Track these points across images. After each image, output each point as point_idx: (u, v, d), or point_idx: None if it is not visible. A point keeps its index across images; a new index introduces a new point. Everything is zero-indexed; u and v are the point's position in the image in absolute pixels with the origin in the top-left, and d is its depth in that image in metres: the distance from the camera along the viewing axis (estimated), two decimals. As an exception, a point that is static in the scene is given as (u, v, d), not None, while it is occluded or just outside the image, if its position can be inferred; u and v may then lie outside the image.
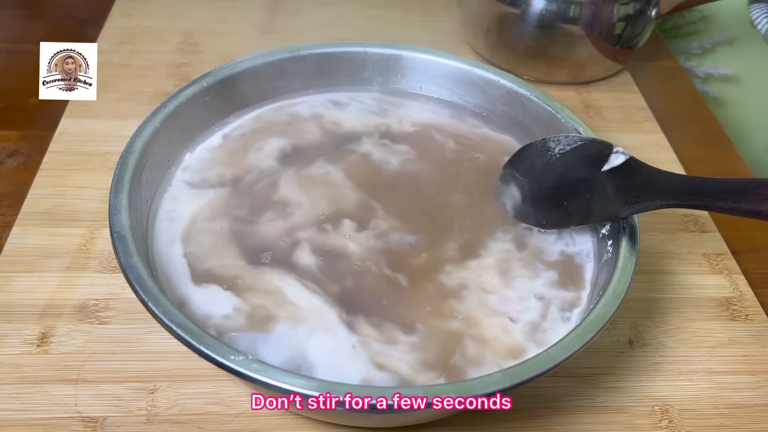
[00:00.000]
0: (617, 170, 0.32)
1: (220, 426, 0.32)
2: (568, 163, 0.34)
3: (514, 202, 0.36)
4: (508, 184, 0.36)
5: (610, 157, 0.32)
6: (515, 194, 0.36)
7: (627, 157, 0.32)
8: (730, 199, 0.29)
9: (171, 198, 0.35)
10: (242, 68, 0.39)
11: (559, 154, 0.34)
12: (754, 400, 0.35)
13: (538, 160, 0.35)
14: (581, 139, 0.34)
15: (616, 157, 0.32)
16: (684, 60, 0.70)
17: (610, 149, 0.32)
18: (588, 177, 0.33)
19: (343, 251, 0.33)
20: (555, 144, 0.34)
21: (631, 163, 0.32)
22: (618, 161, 0.32)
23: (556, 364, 0.26)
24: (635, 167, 0.32)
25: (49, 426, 0.31)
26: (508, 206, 0.36)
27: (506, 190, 0.36)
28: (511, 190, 0.36)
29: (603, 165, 0.32)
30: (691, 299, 0.40)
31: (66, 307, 0.36)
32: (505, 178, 0.37)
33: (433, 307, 0.31)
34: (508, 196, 0.36)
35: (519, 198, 0.36)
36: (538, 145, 0.35)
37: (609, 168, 0.32)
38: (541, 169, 0.35)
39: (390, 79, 0.43)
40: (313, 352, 0.29)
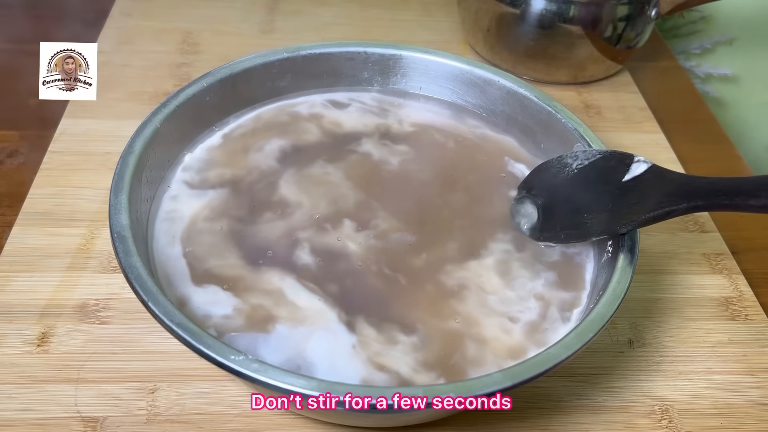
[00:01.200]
0: (639, 179, 0.32)
1: (220, 426, 0.32)
2: (588, 176, 0.34)
3: (530, 221, 0.35)
4: (524, 204, 0.36)
5: (632, 166, 0.32)
6: (531, 213, 0.35)
7: (649, 165, 0.31)
8: (764, 195, 0.28)
9: (171, 198, 0.35)
10: (242, 68, 0.39)
11: (577, 169, 0.34)
12: (753, 399, 0.35)
13: (555, 177, 0.35)
14: (600, 152, 0.33)
15: (637, 167, 0.32)
16: (684, 60, 0.70)
17: (631, 159, 0.32)
18: (609, 188, 0.32)
19: (343, 251, 0.33)
20: (572, 160, 0.34)
21: (654, 170, 0.31)
22: (639, 170, 0.32)
23: (556, 364, 0.26)
24: (658, 174, 0.31)
25: (49, 426, 0.31)
26: (525, 226, 0.35)
27: (522, 210, 0.36)
28: (527, 210, 0.35)
29: (624, 175, 0.32)
30: (691, 299, 0.40)
31: (66, 307, 0.36)
32: (520, 199, 0.36)
33: (433, 307, 0.31)
34: (524, 216, 0.35)
35: (536, 217, 0.35)
36: (554, 163, 0.35)
37: (630, 177, 0.32)
38: (559, 186, 0.34)
39: (390, 79, 0.43)
40: (313, 352, 0.29)
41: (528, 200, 0.36)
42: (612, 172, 0.32)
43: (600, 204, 0.33)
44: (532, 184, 0.36)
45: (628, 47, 0.55)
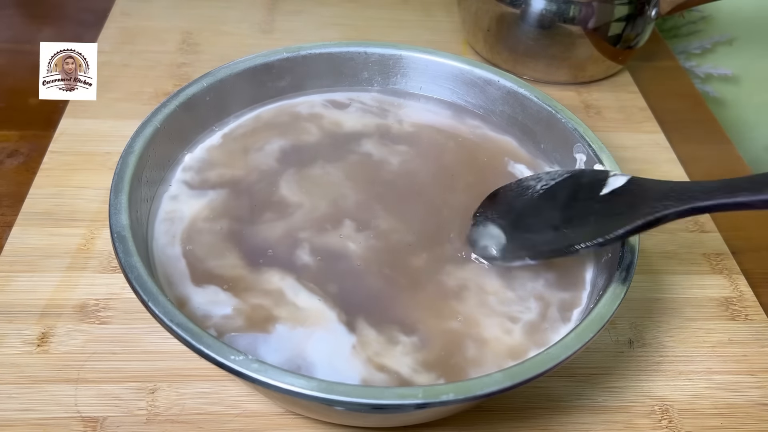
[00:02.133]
0: (622, 191, 0.30)
1: (220, 426, 0.32)
2: (557, 195, 0.32)
3: (498, 242, 0.33)
4: (485, 227, 0.34)
5: (608, 181, 0.30)
6: (497, 234, 0.33)
7: (628, 177, 0.30)
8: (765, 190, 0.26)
9: (171, 198, 0.35)
10: (242, 68, 0.39)
11: (542, 190, 0.32)
12: (753, 399, 0.35)
13: (516, 200, 0.33)
14: (567, 171, 0.32)
15: (615, 180, 0.30)
16: (684, 60, 0.70)
17: (606, 174, 0.30)
18: (586, 203, 0.31)
19: (343, 251, 0.33)
20: (535, 182, 0.33)
21: (636, 181, 0.30)
22: (618, 183, 0.30)
23: (556, 364, 0.26)
24: (642, 184, 0.30)
25: (49, 426, 0.31)
26: (493, 249, 0.33)
27: (485, 232, 0.34)
28: (491, 231, 0.33)
29: (601, 190, 0.30)
30: (691, 299, 0.40)
31: (66, 307, 0.36)
32: (480, 222, 0.34)
33: (433, 307, 0.31)
34: (489, 239, 0.33)
35: (503, 238, 0.33)
36: (512, 187, 0.34)
37: (609, 191, 0.30)
38: (524, 207, 0.33)
39: (390, 80, 0.43)
40: (313, 352, 0.29)
41: (489, 222, 0.34)
42: (587, 189, 0.31)
43: (579, 218, 0.31)
44: (489, 209, 0.34)
45: (628, 47, 0.55)
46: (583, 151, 0.37)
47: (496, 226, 0.33)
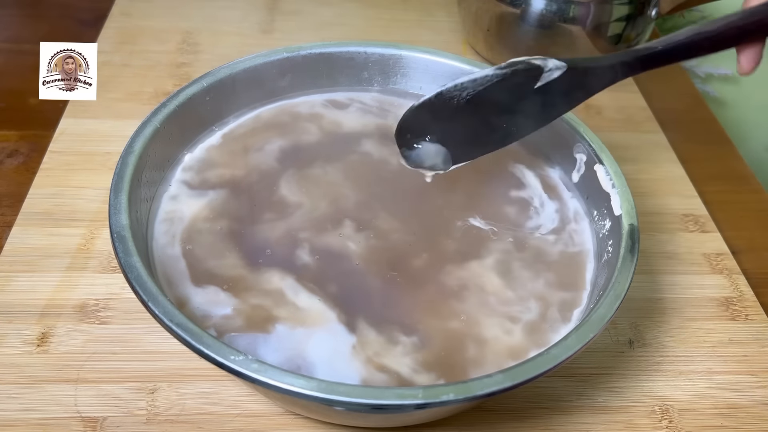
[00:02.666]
0: (558, 80, 0.30)
1: (220, 426, 0.32)
2: (486, 98, 0.31)
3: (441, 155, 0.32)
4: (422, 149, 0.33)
5: (542, 76, 0.30)
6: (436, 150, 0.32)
7: (563, 68, 0.29)
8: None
9: (171, 198, 0.35)
10: (242, 68, 0.39)
11: (469, 97, 0.31)
12: (754, 400, 0.35)
13: (442, 111, 0.32)
14: (496, 75, 0.30)
15: (549, 75, 0.30)
16: (684, 60, 0.70)
17: (540, 71, 0.30)
18: (523, 98, 0.30)
19: (343, 251, 0.33)
20: (459, 92, 0.31)
21: (573, 68, 0.30)
22: (553, 76, 0.30)
23: (556, 364, 0.26)
24: (579, 68, 0.30)
25: (49, 426, 0.31)
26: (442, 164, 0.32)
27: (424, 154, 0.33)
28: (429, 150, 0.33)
29: (535, 83, 0.30)
30: (691, 299, 0.40)
31: (66, 307, 0.36)
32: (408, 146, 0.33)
33: (433, 307, 0.31)
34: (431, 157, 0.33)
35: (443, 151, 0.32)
36: (434, 101, 0.32)
37: (544, 83, 0.30)
38: (453, 117, 0.31)
39: (390, 80, 0.43)
40: (312, 352, 0.29)
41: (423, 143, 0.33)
42: (519, 87, 0.30)
43: (518, 113, 0.31)
44: (413, 128, 0.33)
45: (628, 47, 0.54)
46: (583, 151, 0.37)
47: (430, 143, 0.33)
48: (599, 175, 0.35)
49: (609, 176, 0.35)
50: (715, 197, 0.47)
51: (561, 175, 0.39)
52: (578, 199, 0.37)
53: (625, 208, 0.33)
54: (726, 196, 0.48)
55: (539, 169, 0.39)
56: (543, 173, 0.39)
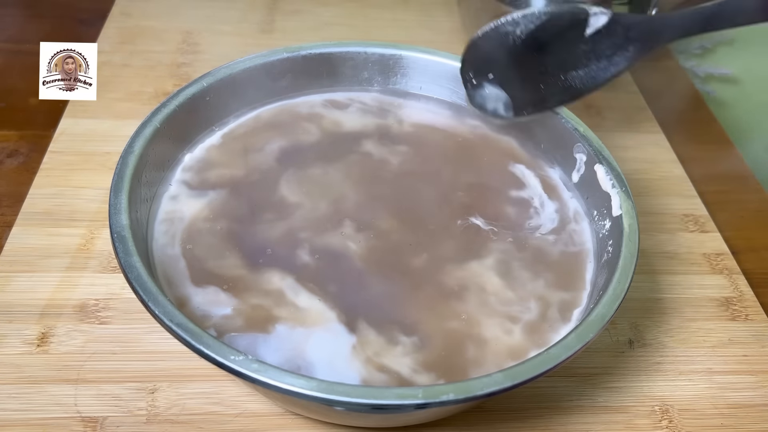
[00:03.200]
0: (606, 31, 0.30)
1: (220, 426, 0.32)
2: (541, 39, 0.31)
3: (502, 99, 0.33)
4: (483, 88, 0.33)
5: (590, 20, 0.30)
6: (496, 93, 0.33)
7: (609, 15, 0.30)
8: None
9: (171, 198, 0.35)
10: (242, 68, 0.39)
11: (523, 35, 0.32)
12: (754, 400, 0.35)
13: (499, 49, 0.32)
14: (544, 12, 0.31)
15: (596, 19, 0.30)
16: (684, 60, 0.70)
17: (586, 13, 0.30)
18: (574, 46, 0.31)
19: (343, 251, 0.33)
20: (513, 26, 0.32)
21: (617, 19, 0.30)
22: (601, 22, 0.30)
23: (556, 364, 0.26)
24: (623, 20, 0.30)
25: (49, 426, 0.31)
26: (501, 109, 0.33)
27: (486, 95, 0.33)
28: (491, 92, 0.33)
29: (584, 30, 0.30)
30: (691, 299, 0.40)
31: (66, 307, 0.36)
32: (476, 86, 0.34)
33: (433, 307, 0.31)
34: (493, 100, 0.33)
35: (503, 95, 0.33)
36: (490, 35, 0.32)
37: (593, 31, 0.30)
38: (510, 57, 0.32)
39: (390, 80, 0.43)
40: (313, 352, 0.29)
41: (485, 83, 0.33)
42: (569, 30, 0.31)
43: (571, 62, 0.31)
44: (475, 65, 0.34)
45: (628, 47, 0.55)
46: (583, 151, 0.37)
47: (492, 84, 0.33)
48: (599, 175, 0.35)
49: (609, 176, 0.35)
50: (715, 197, 0.47)
51: (561, 175, 0.39)
52: (578, 199, 0.37)
53: (625, 208, 0.33)
54: (726, 196, 0.48)
55: (539, 169, 0.39)
56: (543, 173, 0.39)
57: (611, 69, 0.31)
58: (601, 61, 0.31)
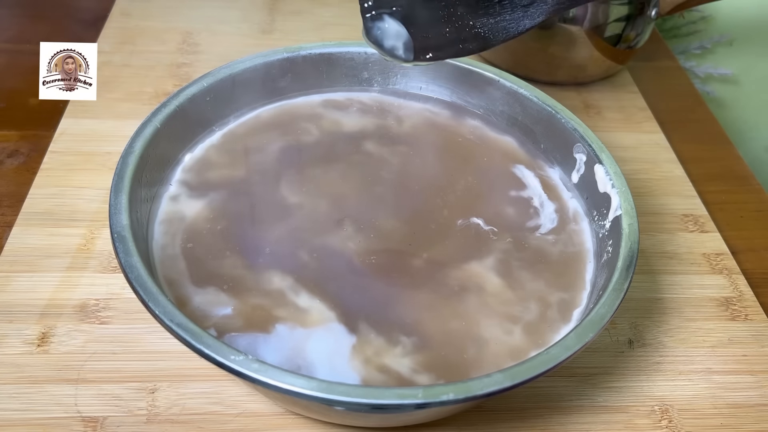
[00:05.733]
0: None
1: (220, 426, 0.32)
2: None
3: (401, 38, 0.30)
4: (383, 22, 0.30)
5: None
6: (397, 30, 0.30)
7: None
8: None
9: (171, 198, 0.35)
10: (242, 68, 0.39)
11: None
12: (753, 399, 0.35)
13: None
14: None
15: None
16: (684, 60, 0.70)
17: None
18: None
19: (343, 251, 0.33)
20: None
21: None
22: None
23: (556, 364, 0.26)
24: None
25: (49, 426, 0.31)
26: (397, 49, 0.30)
27: (386, 31, 0.30)
28: (390, 27, 0.30)
29: None
30: (691, 299, 0.40)
31: (66, 307, 0.36)
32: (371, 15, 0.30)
33: (432, 307, 0.31)
34: (394, 39, 0.30)
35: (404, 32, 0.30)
36: None
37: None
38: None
39: (390, 80, 0.43)
40: (313, 352, 0.29)
41: (385, 15, 0.30)
42: None
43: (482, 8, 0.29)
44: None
45: (628, 47, 0.55)
46: (583, 151, 0.37)
47: (393, 19, 0.30)
48: (599, 176, 0.35)
49: (609, 176, 0.35)
50: (714, 197, 0.47)
51: (561, 175, 0.39)
52: (578, 199, 0.37)
53: (624, 208, 0.33)
54: (726, 196, 0.48)
55: (539, 169, 0.39)
56: (543, 173, 0.39)
57: (525, 21, 0.28)
58: (516, 10, 0.28)
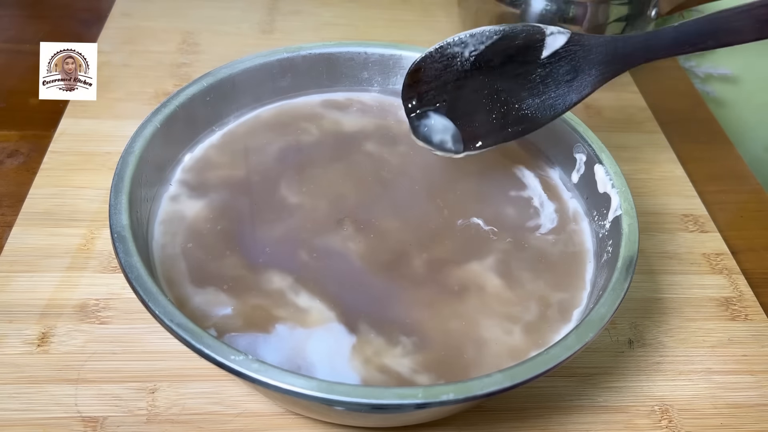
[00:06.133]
0: (564, 53, 0.28)
1: (220, 426, 0.32)
2: (492, 63, 0.29)
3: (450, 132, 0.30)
4: (429, 118, 0.31)
5: (546, 41, 0.28)
6: (444, 123, 0.30)
7: (567, 35, 0.28)
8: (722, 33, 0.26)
9: (171, 198, 0.35)
10: (242, 68, 0.39)
11: (473, 57, 0.29)
12: (753, 399, 0.35)
13: (445, 74, 0.29)
14: (495, 31, 0.28)
15: (553, 40, 0.28)
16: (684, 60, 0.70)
17: (543, 33, 0.27)
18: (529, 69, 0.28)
19: (343, 251, 0.33)
20: (461, 48, 0.29)
21: (576, 39, 0.27)
22: (558, 43, 0.28)
23: (556, 364, 0.26)
24: (583, 42, 0.27)
25: (49, 426, 0.31)
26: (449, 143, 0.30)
27: (432, 125, 0.31)
28: (437, 122, 0.30)
29: (541, 53, 0.28)
30: (691, 299, 0.40)
31: (66, 307, 0.36)
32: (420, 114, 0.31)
33: (433, 307, 0.31)
34: (440, 132, 0.31)
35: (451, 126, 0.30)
36: (435, 57, 0.29)
37: (550, 53, 0.28)
38: (458, 82, 0.29)
39: (390, 80, 0.43)
40: (313, 352, 0.29)
41: (430, 112, 0.30)
42: (525, 52, 0.28)
43: (526, 88, 0.29)
44: (420, 89, 0.30)
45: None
46: (583, 151, 0.37)
47: (438, 114, 0.30)
48: (599, 176, 0.35)
49: (609, 176, 0.35)
50: (714, 197, 0.47)
51: (561, 175, 0.39)
52: (578, 199, 0.37)
53: (624, 208, 0.33)
54: (726, 196, 0.48)
55: (539, 169, 0.39)
56: (543, 173, 0.39)
57: (572, 96, 0.28)
58: (560, 87, 0.28)
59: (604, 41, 0.28)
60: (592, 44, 0.28)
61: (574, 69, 0.28)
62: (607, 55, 0.28)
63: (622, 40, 0.28)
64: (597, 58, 0.28)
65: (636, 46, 0.28)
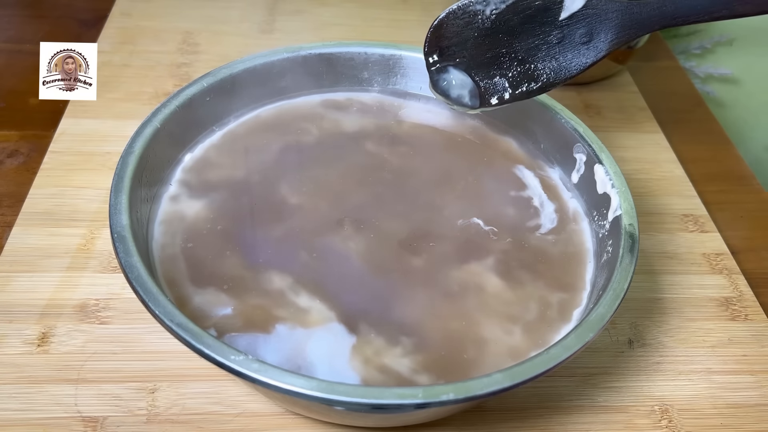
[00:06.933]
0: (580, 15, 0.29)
1: (220, 426, 0.32)
2: (512, 22, 0.30)
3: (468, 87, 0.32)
4: (448, 73, 0.32)
5: (564, 3, 0.29)
6: (463, 79, 0.32)
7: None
8: None
9: (171, 198, 0.35)
10: (242, 68, 0.39)
11: (493, 16, 0.30)
12: (753, 400, 0.35)
13: (467, 30, 0.31)
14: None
15: (571, 2, 0.29)
16: (684, 60, 0.70)
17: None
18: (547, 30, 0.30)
19: (343, 251, 0.33)
20: (483, 5, 0.30)
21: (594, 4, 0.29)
22: (576, 6, 0.29)
23: (556, 364, 0.26)
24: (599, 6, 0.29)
25: (49, 426, 0.31)
26: (467, 98, 0.32)
27: (451, 80, 0.32)
28: (456, 77, 0.32)
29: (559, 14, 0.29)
30: (691, 299, 0.40)
31: (66, 307, 0.36)
32: (440, 69, 0.32)
33: (433, 307, 0.31)
34: (459, 87, 0.32)
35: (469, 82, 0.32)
36: (458, 14, 0.30)
37: (568, 15, 0.29)
38: (479, 39, 0.31)
39: (390, 80, 0.43)
40: (313, 352, 0.29)
41: (450, 67, 0.32)
42: (543, 12, 0.30)
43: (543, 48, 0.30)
44: (441, 44, 0.32)
45: (628, 47, 0.54)
46: (583, 151, 0.37)
47: (458, 69, 0.32)
48: (599, 176, 0.35)
49: (609, 176, 0.35)
50: (714, 197, 0.47)
51: (561, 175, 0.39)
52: (578, 199, 0.37)
53: (624, 208, 0.33)
54: (726, 196, 0.48)
55: (539, 169, 0.39)
56: (543, 173, 0.39)
57: (587, 57, 0.30)
58: (576, 48, 0.30)
59: (621, 6, 0.30)
60: (608, 8, 0.29)
61: (590, 32, 0.30)
62: (623, 19, 0.29)
63: (638, 6, 0.29)
64: (613, 22, 0.29)
65: (651, 13, 0.29)
